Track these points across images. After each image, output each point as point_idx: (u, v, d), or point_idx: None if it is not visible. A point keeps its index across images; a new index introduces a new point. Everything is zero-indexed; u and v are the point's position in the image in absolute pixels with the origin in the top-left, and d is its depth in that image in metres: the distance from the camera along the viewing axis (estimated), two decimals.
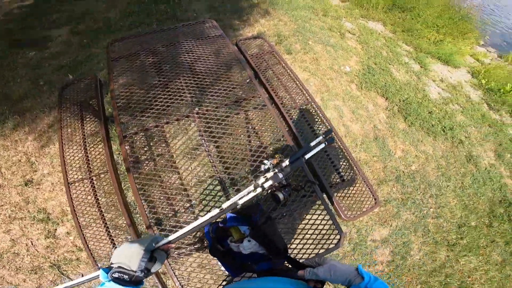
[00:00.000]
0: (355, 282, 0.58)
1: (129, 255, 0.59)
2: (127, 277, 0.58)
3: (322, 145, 0.86)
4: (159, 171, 1.48)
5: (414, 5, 5.50)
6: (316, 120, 1.81)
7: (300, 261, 0.76)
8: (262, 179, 0.77)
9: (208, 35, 1.83)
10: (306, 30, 3.61)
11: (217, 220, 0.85)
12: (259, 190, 0.74)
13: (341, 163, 1.69)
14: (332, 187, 1.53)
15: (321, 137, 0.88)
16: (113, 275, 0.57)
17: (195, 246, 1.11)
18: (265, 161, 1.11)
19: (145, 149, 1.79)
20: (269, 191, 1.10)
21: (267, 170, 0.88)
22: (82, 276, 0.69)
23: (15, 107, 2.35)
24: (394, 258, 2.09)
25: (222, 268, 1.00)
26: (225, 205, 0.73)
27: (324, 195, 1.39)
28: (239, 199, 0.73)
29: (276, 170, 0.79)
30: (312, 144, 0.86)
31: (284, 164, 0.81)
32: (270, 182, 0.76)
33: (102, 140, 1.40)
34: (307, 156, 0.84)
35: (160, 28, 1.92)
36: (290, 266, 0.79)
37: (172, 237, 0.67)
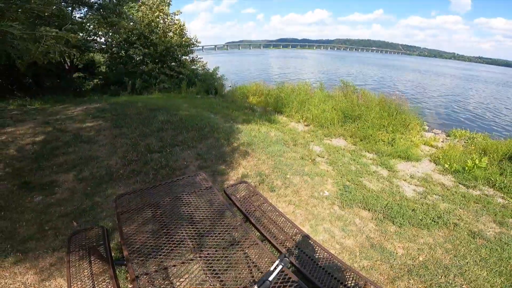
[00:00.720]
0: None
1: None
2: None
3: (280, 267, 1.10)
4: None
5: (359, 113, 6.37)
6: (314, 247, 2.00)
7: None
8: None
9: (200, 187, 2.17)
10: (283, 165, 4.09)
11: None
12: None
13: (341, 274, 1.80)
14: None
15: (277, 261, 1.11)
16: None
17: None
18: None
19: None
20: None
21: None
22: None
23: (19, 246, 2.35)
24: None
25: None
26: None
27: None
28: None
29: None
30: (271, 268, 1.10)
31: None
32: None
33: (110, 278, 1.53)
34: (270, 278, 1.05)
35: (159, 182, 2.23)
36: None
37: None
